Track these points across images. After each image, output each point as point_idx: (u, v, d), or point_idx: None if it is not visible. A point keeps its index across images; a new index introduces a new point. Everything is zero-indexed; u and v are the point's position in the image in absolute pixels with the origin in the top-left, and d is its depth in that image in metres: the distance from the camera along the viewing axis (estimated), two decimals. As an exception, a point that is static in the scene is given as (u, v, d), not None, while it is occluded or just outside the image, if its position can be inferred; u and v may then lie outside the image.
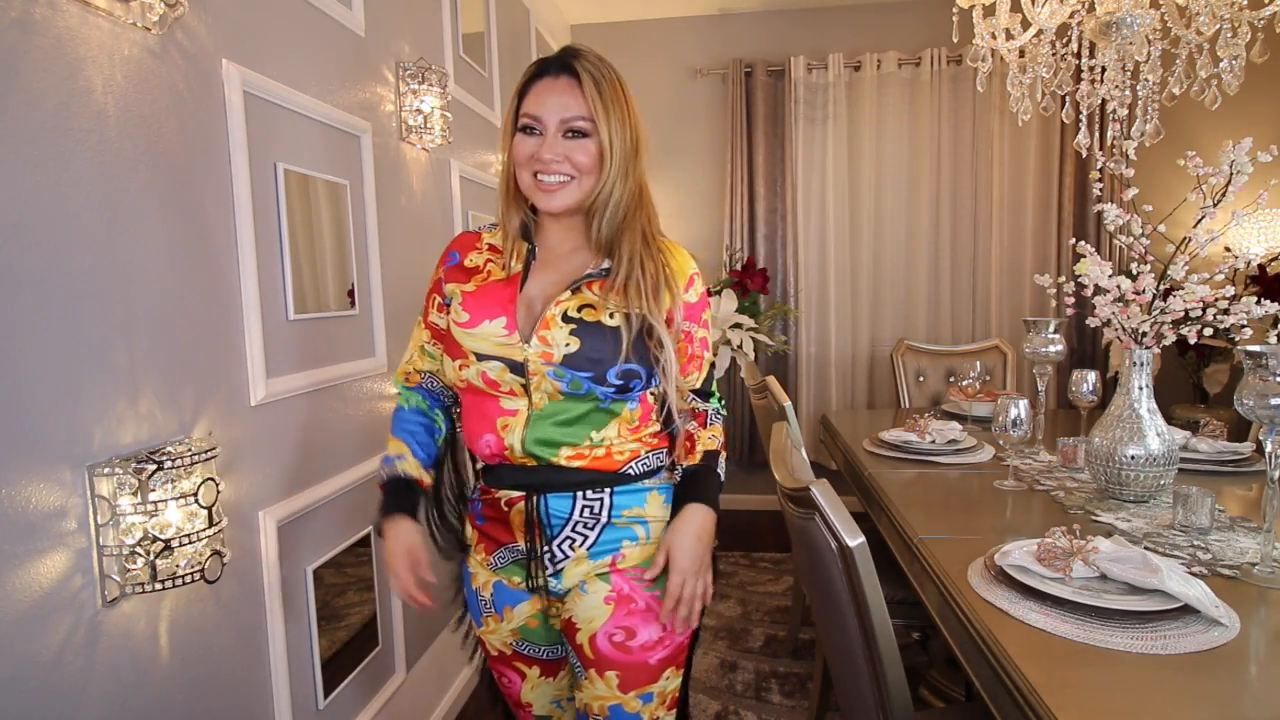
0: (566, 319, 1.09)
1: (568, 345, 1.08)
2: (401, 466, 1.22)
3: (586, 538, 1.15)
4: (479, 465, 1.23)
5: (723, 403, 1.30)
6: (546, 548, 1.15)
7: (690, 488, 1.19)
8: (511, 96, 1.14)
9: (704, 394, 1.26)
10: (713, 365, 1.27)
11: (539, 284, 1.15)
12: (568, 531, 1.14)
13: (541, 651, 1.24)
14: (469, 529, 1.26)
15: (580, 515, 1.14)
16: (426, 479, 1.25)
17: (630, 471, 1.16)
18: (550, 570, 1.16)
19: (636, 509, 1.17)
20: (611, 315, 1.10)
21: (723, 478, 1.22)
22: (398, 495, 1.22)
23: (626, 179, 1.12)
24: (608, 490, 1.15)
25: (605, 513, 1.15)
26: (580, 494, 1.14)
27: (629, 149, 1.12)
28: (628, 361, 1.09)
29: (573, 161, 1.10)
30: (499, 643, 1.25)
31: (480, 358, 1.10)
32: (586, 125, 1.09)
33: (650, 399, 1.18)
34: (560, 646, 1.24)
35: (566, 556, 1.15)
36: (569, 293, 1.12)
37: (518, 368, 1.09)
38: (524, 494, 1.14)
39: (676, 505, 1.18)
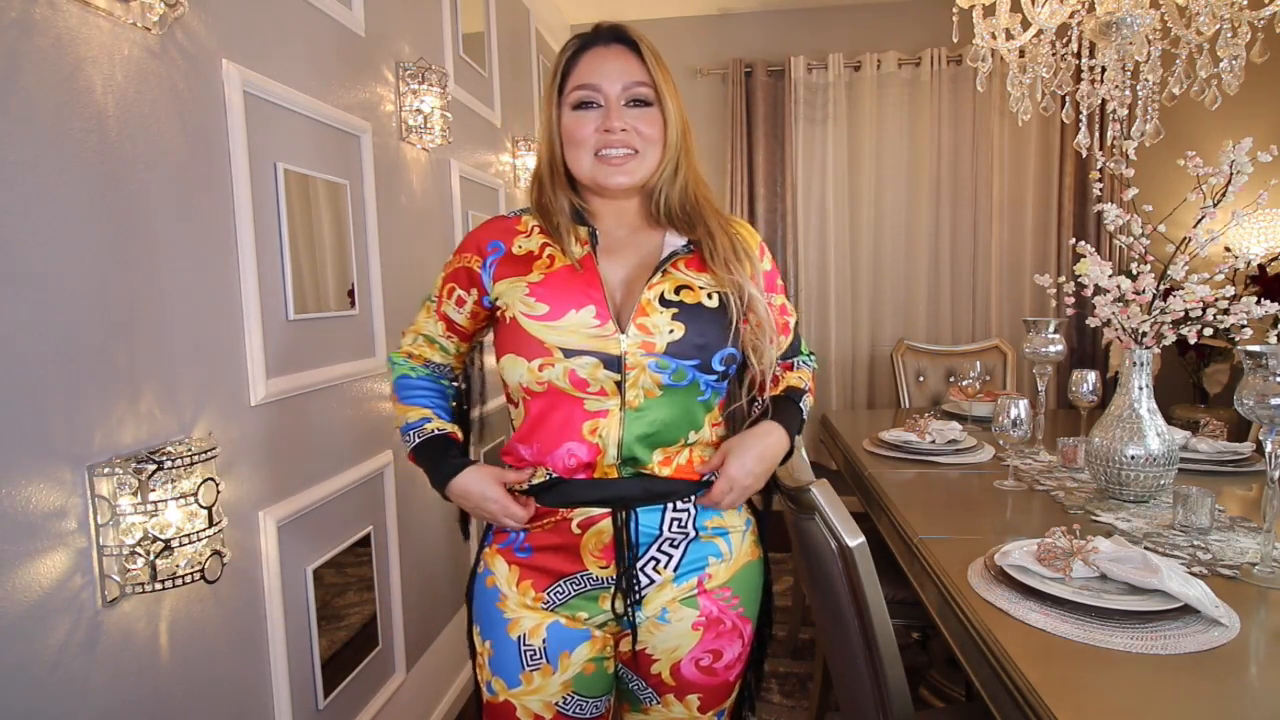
0: (665, 303, 0.99)
1: (671, 332, 0.98)
2: (433, 427, 1.09)
3: (671, 557, 1.05)
4: (526, 486, 1.06)
5: (812, 355, 1.25)
6: (631, 570, 1.03)
7: (770, 413, 1.11)
8: (552, 74, 1.04)
9: (792, 352, 1.21)
10: (797, 324, 1.22)
11: (612, 268, 1.04)
12: (653, 551, 1.04)
13: (588, 707, 1.08)
14: (500, 566, 1.09)
15: (669, 530, 1.04)
16: (460, 435, 1.13)
17: (710, 479, 1.07)
18: (632, 597, 1.04)
19: (717, 519, 1.08)
20: (711, 296, 1.02)
21: (804, 415, 1.14)
22: (447, 452, 1.08)
23: (689, 156, 1.07)
24: (693, 499, 1.06)
25: (692, 525, 1.06)
26: (670, 506, 1.04)
27: (686, 123, 1.07)
28: (733, 344, 1.02)
29: (639, 133, 1.01)
30: (539, 705, 1.05)
31: (568, 353, 0.97)
32: (649, 92, 1.02)
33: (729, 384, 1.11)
34: (607, 697, 1.12)
35: (651, 581, 1.05)
36: (659, 274, 1.02)
37: (613, 362, 0.97)
38: (608, 510, 1.02)
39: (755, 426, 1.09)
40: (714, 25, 3.98)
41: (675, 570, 1.06)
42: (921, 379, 3.24)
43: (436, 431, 1.10)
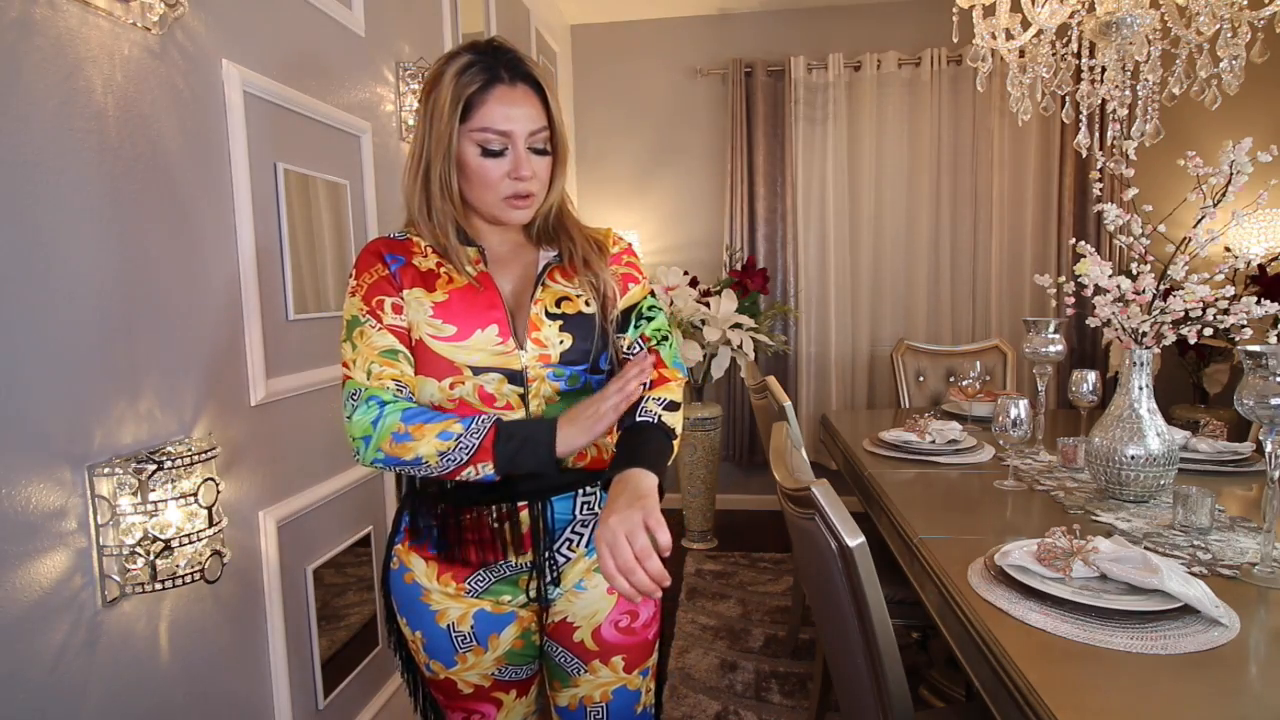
0: (550, 315, 1.07)
1: (562, 342, 1.06)
2: (488, 418, 1.01)
3: (583, 535, 1.13)
4: (440, 487, 1.09)
5: (667, 344, 1.17)
6: (548, 554, 1.11)
7: (618, 453, 1.03)
8: (450, 99, 1.00)
9: (631, 324, 1.15)
10: (651, 295, 1.19)
11: (502, 283, 1.10)
12: (568, 533, 1.12)
13: (522, 672, 1.19)
14: (418, 563, 1.12)
15: (580, 514, 1.13)
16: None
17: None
18: (550, 577, 1.13)
19: None
20: (588, 303, 1.10)
21: (655, 415, 1.05)
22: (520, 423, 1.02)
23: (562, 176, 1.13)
24: (599, 483, 1.13)
25: (599, 506, 1.14)
26: (579, 491, 1.12)
27: (567, 146, 1.12)
28: (609, 346, 1.10)
29: (540, 177, 1.07)
30: (477, 677, 1.14)
31: (477, 371, 1.04)
32: (548, 137, 1.06)
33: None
34: (537, 661, 1.20)
35: (567, 559, 1.13)
36: (540, 288, 1.09)
37: (516, 377, 1.05)
38: (525, 503, 1.08)
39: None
40: (714, 25, 3.98)
41: (587, 545, 1.14)
42: (921, 379, 3.24)
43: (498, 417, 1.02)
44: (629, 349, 1.15)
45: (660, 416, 1.06)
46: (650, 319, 1.16)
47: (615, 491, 0.95)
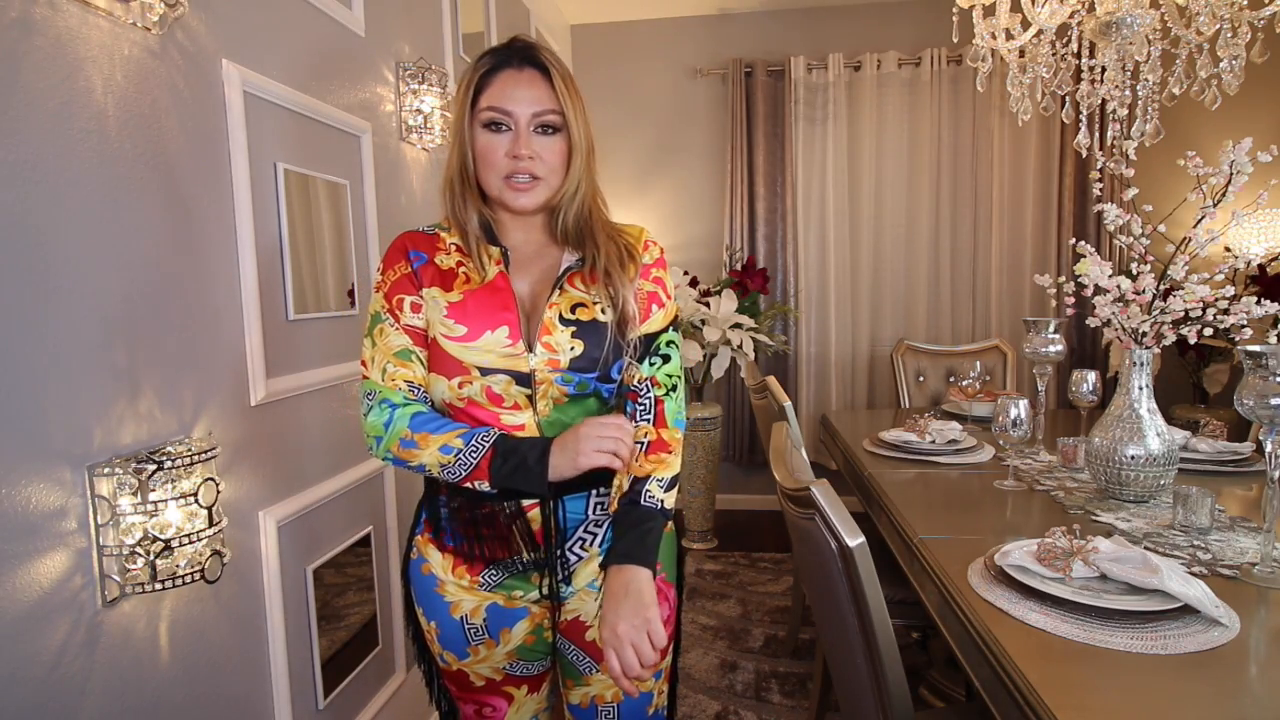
0: (564, 321, 1.06)
1: (572, 349, 1.05)
2: (496, 431, 1.04)
3: (596, 535, 1.13)
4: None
5: (675, 393, 1.15)
6: (559, 553, 1.11)
7: (620, 535, 1.07)
8: (464, 87, 1.07)
9: (647, 354, 1.13)
10: (674, 322, 1.17)
11: (521, 284, 1.10)
12: (580, 532, 1.12)
13: (534, 668, 1.20)
14: (434, 554, 1.15)
15: (594, 514, 1.12)
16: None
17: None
18: (561, 575, 1.13)
19: None
20: (604, 311, 1.08)
21: (658, 502, 1.09)
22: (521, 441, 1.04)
23: (590, 174, 1.11)
24: (614, 484, 1.13)
25: (612, 505, 1.14)
26: (594, 491, 1.11)
27: (590, 144, 1.10)
28: (622, 355, 1.09)
29: (544, 160, 1.06)
30: (489, 670, 1.17)
31: (485, 372, 1.04)
32: (557, 119, 1.06)
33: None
34: (549, 658, 1.21)
35: (579, 558, 1.13)
36: (557, 292, 1.08)
37: (524, 379, 1.05)
38: (536, 500, 1.08)
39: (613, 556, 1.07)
40: (714, 25, 3.98)
41: (600, 545, 1.14)
42: (921, 379, 3.24)
43: (499, 433, 1.04)
44: (638, 384, 1.13)
45: (663, 502, 1.10)
46: (666, 357, 1.15)
47: (616, 590, 1.01)
